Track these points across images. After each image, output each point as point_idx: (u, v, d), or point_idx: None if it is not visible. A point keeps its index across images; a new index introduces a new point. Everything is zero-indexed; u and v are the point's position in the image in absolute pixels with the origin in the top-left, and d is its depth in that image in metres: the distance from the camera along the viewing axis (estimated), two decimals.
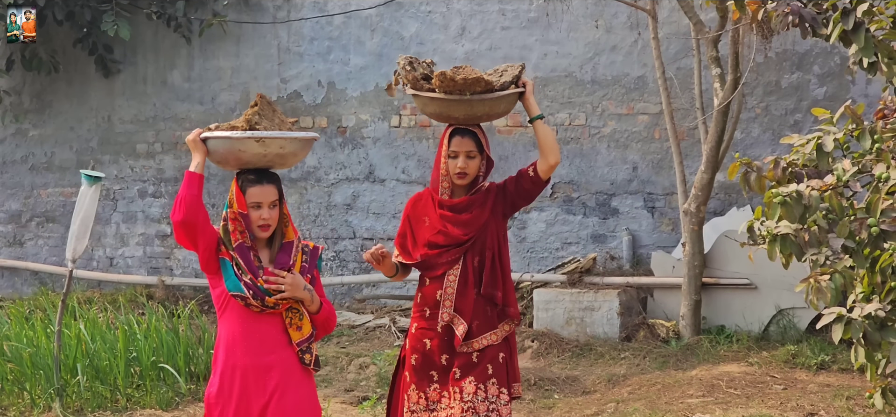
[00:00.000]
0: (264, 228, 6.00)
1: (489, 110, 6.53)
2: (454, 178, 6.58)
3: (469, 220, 6.58)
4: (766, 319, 12.19)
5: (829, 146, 6.42)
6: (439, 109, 6.55)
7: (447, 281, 6.58)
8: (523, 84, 6.60)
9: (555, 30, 13.90)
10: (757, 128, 13.11)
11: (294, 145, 6.03)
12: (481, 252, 6.62)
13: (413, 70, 6.59)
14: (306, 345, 6.03)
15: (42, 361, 10.65)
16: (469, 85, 6.40)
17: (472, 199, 6.61)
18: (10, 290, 16.29)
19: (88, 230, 10.26)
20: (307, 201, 14.99)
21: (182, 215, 5.90)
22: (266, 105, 6.10)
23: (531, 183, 6.64)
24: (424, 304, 6.67)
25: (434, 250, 6.59)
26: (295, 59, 15.07)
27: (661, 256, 12.92)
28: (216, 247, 6.02)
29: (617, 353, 11.95)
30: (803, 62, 12.93)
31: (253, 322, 5.98)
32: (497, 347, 6.65)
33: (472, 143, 6.58)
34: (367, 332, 13.42)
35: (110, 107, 15.98)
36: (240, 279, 5.94)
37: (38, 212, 16.43)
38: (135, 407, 10.51)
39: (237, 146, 5.95)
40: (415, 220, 6.72)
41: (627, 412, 9.93)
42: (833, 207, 6.15)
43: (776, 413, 9.58)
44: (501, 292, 6.64)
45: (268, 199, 5.99)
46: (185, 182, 5.96)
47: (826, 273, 6.04)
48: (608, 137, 13.69)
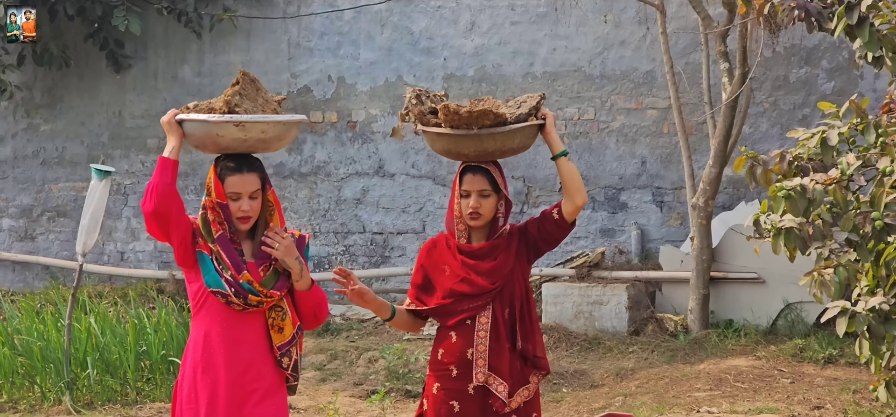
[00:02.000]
0: (244, 220, 5.55)
1: (501, 146, 5.86)
2: (467, 219, 5.94)
3: (494, 268, 5.93)
4: (774, 313, 12.21)
5: (833, 140, 6.45)
6: (447, 145, 5.93)
7: (478, 337, 5.89)
8: (543, 116, 5.92)
9: (563, 25, 13.92)
10: (765, 122, 13.13)
11: (277, 129, 5.55)
12: (511, 303, 5.97)
13: (420, 104, 6.02)
14: (287, 349, 5.61)
15: (52, 355, 10.70)
16: (476, 118, 5.77)
17: (494, 244, 5.97)
18: (22, 284, 16.35)
19: (98, 224, 10.30)
20: (317, 196, 15.02)
21: (153, 206, 5.41)
22: (248, 84, 5.58)
23: (556, 226, 5.98)
24: (449, 361, 5.93)
25: (453, 298, 5.92)
26: (305, 53, 15.10)
27: (670, 250, 12.94)
28: (192, 239, 5.55)
29: (625, 347, 11.98)
30: (812, 57, 12.94)
31: (232, 322, 5.53)
32: (530, 403, 6.00)
33: (484, 181, 5.91)
34: (376, 326, 13.45)
35: (121, 102, 16.02)
36: (220, 275, 5.49)
37: (49, 207, 16.48)
38: (145, 401, 10.56)
39: (214, 130, 5.44)
40: (432, 269, 6.05)
41: (635, 405, 9.96)
42: (837, 200, 6.18)
43: (783, 406, 9.61)
44: (532, 344, 6.00)
45: (248, 189, 5.52)
46: (157, 169, 5.46)
47: (830, 267, 6.08)
48: (617, 131, 13.72)
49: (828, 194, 6.17)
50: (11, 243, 16.67)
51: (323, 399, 10.48)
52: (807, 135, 6.65)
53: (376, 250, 14.80)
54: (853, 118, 6.68)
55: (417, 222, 14.60)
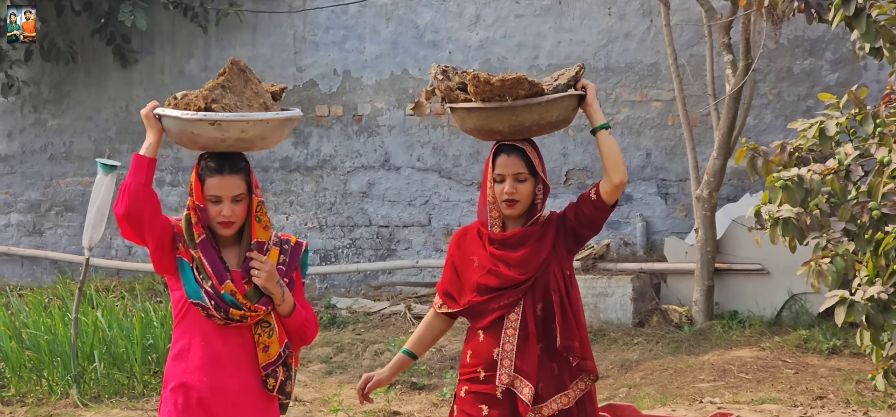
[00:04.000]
0: (226, 224, 5.04)
1: (539, 119, 5.35)
2: (502, 207, 5.42)
3: (525, 257, 5.42)
4: (779, 304, 12.23)
5: (831, 131, 6.49)
6: (479, 121, 5.41)
7: (505, 336, 5.39)
8: (583, 87, 5.43)
9: (568, 17, 13.95)
10: (769, 114, 13.14)
11: (260, 129, 5.00)
12: (545, 297, 5.43)
13: (447, 79, 5.53)
14: (272, 369, 5.11)
15: (60, 348, 10.75)
16: (509, 88, 5.27)
17: (527, 231, 5.45)
18: (30, 279, 16.43)
19: (104, 218, 10.35)
20: (323, 189, 15.07)
21: (124, 208, 4.93)
22: (236, 75, 5.06)
23: (593, 208, 5.43)
24: (477, 363, 5.45)
25: (484, 295, 5.45)
26: (311, 47, 15.15)
27: (675, 241, 12.97)
28: (171, 244, 5.07)
29: (630, 338, 12.00)
30: (816, 48, 12.96)
31: (215, 337, 5.05)
32: (569, 412, 5.43)
33: (520, 163, 5.41)
34: (382, 319, 13.49)
35: (128, 96, 16.09)
36: (200, 285, 5.02)
37: (57, 201, 16.55)
38: (151, 394, 10.61)
39: (189, 128, 4.94)
40: (461, 261, 5.59)
41: (639, 396, 9.99)
42: (835, 191, 6.21)
43: (785, 396, 9.64)
44: (578, 341, 5.40)
45: (230, 192, 5.01)
46: (131, 167, 4.98)
47: (827, 256, 6.11)
48: (622, 123, 13.74)
49: (826, 185, 6.21)
50: (20, 237, 16.75)
51: (328, 392, 10.53)
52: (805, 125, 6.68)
53: (382, 243, 14.85)
54: (852, 109, 6.71)
55: (423, 216, 14.64)
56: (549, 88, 5.35)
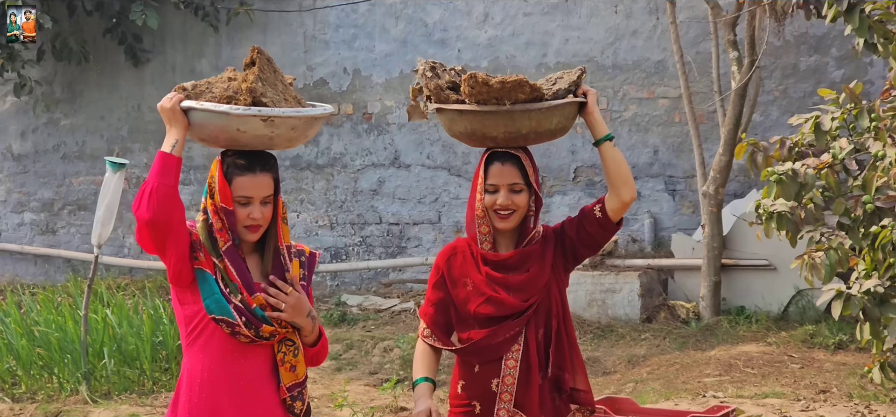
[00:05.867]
0: (253, 228, 4.49)
1: (537, 126, 4.84)
2: (495, 219, 4.87)
3: (526, 281, 4.88)
4: (786, 299, 12.27)
5: (826, 125, 6.54)
6: (472, 125, 4.88)
7: (505, 367, 4.87)
8: (584, 93, 4.91)
9: (575, 15, 14.00)
10: (776, 110, 13.18)
11: (307, 126, 4.54)
12: (546, 323, 4.91)
13: (436, 77, 4.98)
14: (298, 391, 4.56)
15: (70, 346, 10.81)
16: (509, 91, 4.75)
17: (525, 252, 4.91)
18: (44, 278, 16.52)
19: (113, 216, 10.43)
20: (334, 188, 15.14)
21: (152, 212, 4.31)
22: (266, 64, 4.50)
23: (598, 226, 4.91)
24: (471, 394, 4.94)
25: (485, 328, 4.88)
26: (321, 46, 15.22)
27: (682, 238, 13.01)
28: (190, 253, 4.45)
29: (637, 334, 12.06)
30: (821, 45, 12.98)
31: (237, 357, 4.47)
32: None
33: (516, 172, 4.87)
34: (392, 316, 13.55)
35: (140, 96, 16.17)
36: (227, 299, 4.42)
37: (70, 200, 16.65)
38: (161, 390, 10.67)
39: (235, 125, 4.36)
40: (452, 284, 4.99)
41: (645, 391, 10.04)
42: (830, 184, 6.26)
43: (789, 390, 9.68)
44: (570, 372, 4.93)
45: (261, 193, 4.49)
46: (156, 166, 4.36)
47: (821, 250, 6.16)
48: (629, 120, 13.79)
49: (820, 179, 6.26)
50: (33, 236, 16.85)
51: (337, 388, 10.59)
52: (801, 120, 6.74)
53: (393, 241, 14.92)
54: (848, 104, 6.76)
55: (433, 213, 14.70)
56: (547, 92, 4.84)
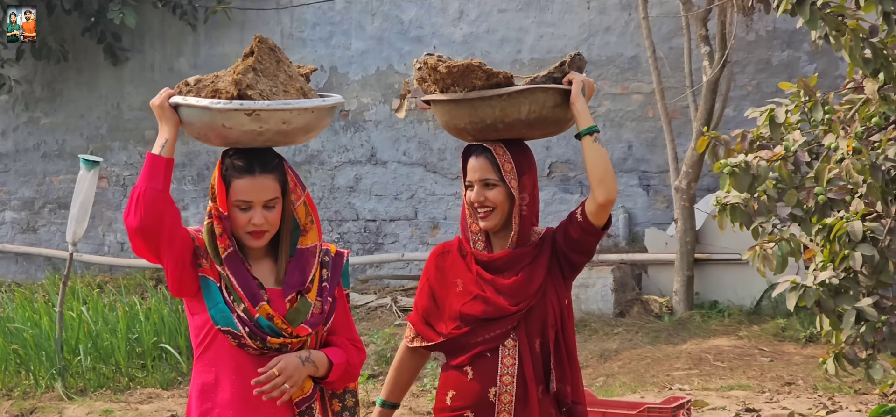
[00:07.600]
0: (257, 235, 4.16)
1: (503, 115, 4.54)
2: (476, 218, 4.69)
3: (517, 284, 4.64)
4: (758, 293, 12.32)
5: (780, 118, 6.59)
6: (442, 115, 4.73)
7: (502, 384, 4.60)
8: (570, 81, 4.58)
9: (549, 12, 14.06)
10: (748, 105, 13.14)
11: (304, 119, 4.13)
12: (543, 332, 4.65)
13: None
14: (307, 406, 4.21)
15: (45, 342, 10.89)
16: (458, 76, 4.55)
17: (518, 253, 4.67)
18: (24, 276, 16.57)
19: (87, 214, 10.51)
20: (311, 185, 15.19)
21: (139, 219, 4.00)
22: (266, 54, 4.18)
23: (581, 231, 4.63)
24: (462, 404, 4.66)
25: (467, 325, 4.65)
26: (298, 44, 15.28)
27: (655, 232, 13.08)
28: (192, 260, 4.14)
29: (610, 329, 12.11)
30: (793, 40, 13.06)
31: (248, 369, 4.13)
32: None
33: (488, 166, 4.65)
34: (368, 312, 13.60)
35: (119, 94, 16.23)
36: (231, 310, 4.11)
37: (50, 199, 16.70)
38: (136, 387, 10.73)
39: (220, 120, 4.04)
40: (441, 285, 4.78)
41: (614, 385, 10.11)
42: (783, 176, 6.33)
43: (755, 383, 9.76)
44: (570, 386, 4.70)
45: (262, 196, 4.14)
46: (145, 169, 4.06)
47: (772, 241, 6.23)
48: (603, 116, 13.85)
49: (774, 171, 6.32)
50: (14, 235, 16.91)
51: None
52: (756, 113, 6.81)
53: (370, 237, 14.98)
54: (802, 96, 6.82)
55: (409, 209, 14.77)
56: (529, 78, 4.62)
